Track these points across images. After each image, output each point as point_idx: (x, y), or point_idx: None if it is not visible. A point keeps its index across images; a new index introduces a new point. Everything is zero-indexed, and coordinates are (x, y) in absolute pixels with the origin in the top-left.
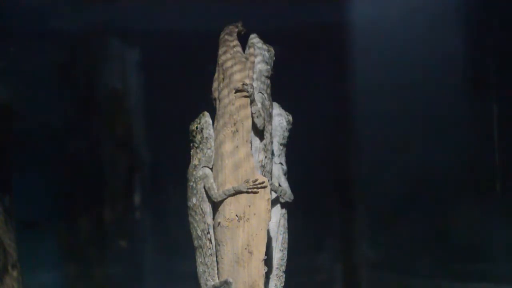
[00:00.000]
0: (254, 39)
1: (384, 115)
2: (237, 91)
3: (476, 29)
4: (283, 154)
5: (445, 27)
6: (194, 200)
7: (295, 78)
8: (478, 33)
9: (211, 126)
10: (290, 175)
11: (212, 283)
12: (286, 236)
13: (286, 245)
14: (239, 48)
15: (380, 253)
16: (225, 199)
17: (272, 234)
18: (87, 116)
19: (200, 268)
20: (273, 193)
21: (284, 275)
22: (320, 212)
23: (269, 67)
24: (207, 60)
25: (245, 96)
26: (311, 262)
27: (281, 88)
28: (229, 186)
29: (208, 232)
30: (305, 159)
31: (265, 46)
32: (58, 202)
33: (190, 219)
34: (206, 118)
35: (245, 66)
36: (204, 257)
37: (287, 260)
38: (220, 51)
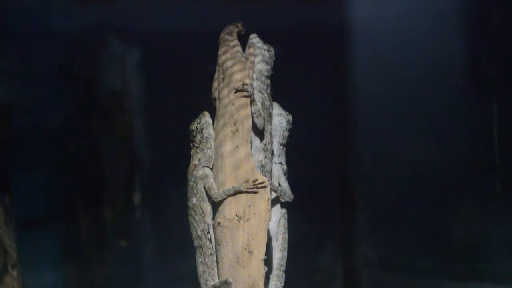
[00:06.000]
0: (254, 39)
1: (384, 115)
2: (237, 91)
3: (476, 28)
4: (283, 154)
5: (445, 26)
6: (194, 200)
7: (295, 78)
8: (478, 32)
9: (211, 126)
10: (290, 175)
11: (212, 283)
12: (286, 236)
13: (286, 245)
14: (239, 48)
15: (380, 253)
16: (225, 199)
17: (272, 234)
18: (87, 116)
19: (200, 268)
20: (273, 193)
21: (284, 275)
22: (320, 212)
23: (269, 67)
24: (207, 60)
25: (245, 96)
26: (311, 262)
27: (281, 88)
28: (229, 186)
29: (208, 232)
30: (305, 159)
31: (265, 46)
32: (58, 202)
33: (190, 219)
34: (206, 118)
35: (245, 66)
36: (204, 257)
37: (287, 260)
38: (220, 51)
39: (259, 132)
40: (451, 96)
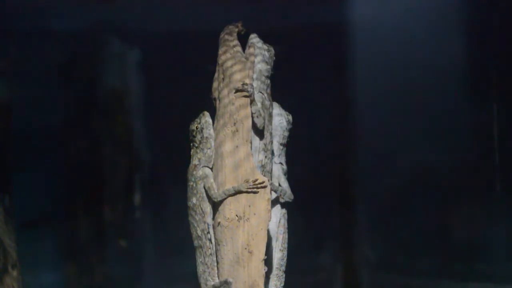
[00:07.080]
0: (254, 39)
1: (384, 115)
2: (237, 91)
3: (477, 28)
4: (283, 154)
5: (446, 26)
6: (194, 200)
7: (295, 78)
8: (478, 32)
9: (211, 126)
10: (290, 175)
11: (212, 283)
12: (286, 236)
13: (286, 245)
14: (239, 48)
15: (380, 253)
16: (225, 199)
17: (272, 234)
18: (87, 116)
19: (200, 268)
20: (273, 193)
21: (284, 275)
22: (320, 212)
23: (269, 67)
24: (207, 60)
25: (245, 96)
26: (311, 262)
27: (281, 88)
28: (229, 186)
29: (208, 232)
30: (305, 159)
31: (265, 46)
32: (58, 202)
33: (190, 219)
34: (206, 118)
35: (245, 66)
36: (204, 257)
37: (287, 260)
38: (220, 51)
39: (259, 132)
40: (451, 96)
